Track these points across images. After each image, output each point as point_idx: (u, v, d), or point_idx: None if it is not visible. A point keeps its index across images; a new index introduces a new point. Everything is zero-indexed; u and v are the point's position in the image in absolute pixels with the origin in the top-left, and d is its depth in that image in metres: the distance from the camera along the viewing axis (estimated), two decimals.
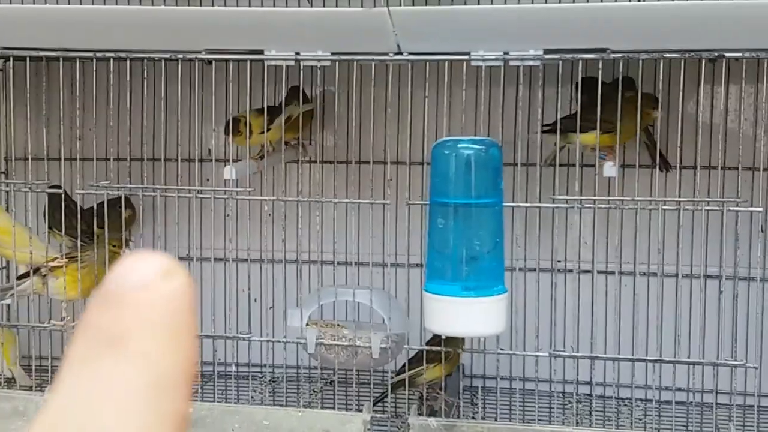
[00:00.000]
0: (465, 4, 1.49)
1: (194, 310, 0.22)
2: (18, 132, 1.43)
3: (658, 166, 1.47)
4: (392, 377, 1.35)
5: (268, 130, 1.38)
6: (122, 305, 0.21)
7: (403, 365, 1.32)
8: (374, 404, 1.33)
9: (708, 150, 1.42)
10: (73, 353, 0.21)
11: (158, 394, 0.21)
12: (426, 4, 1.51)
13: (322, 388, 1.53)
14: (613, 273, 1.30)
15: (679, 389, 1.36)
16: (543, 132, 1.30)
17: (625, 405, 1.49)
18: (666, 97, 1.40)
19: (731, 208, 1.23)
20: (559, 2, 1.49)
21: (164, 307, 0.22)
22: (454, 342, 1.28)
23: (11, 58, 1.27)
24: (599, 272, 1.37)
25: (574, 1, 1.48)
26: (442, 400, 1.34)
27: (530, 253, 1.39)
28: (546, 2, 1.49)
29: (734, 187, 1.35)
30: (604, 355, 1.29)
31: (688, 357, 1.34)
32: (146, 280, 0.22)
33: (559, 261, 1.41)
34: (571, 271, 1.41)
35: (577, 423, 1.43)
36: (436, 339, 1.28)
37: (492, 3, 1.48)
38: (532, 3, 1.47)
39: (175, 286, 0.22)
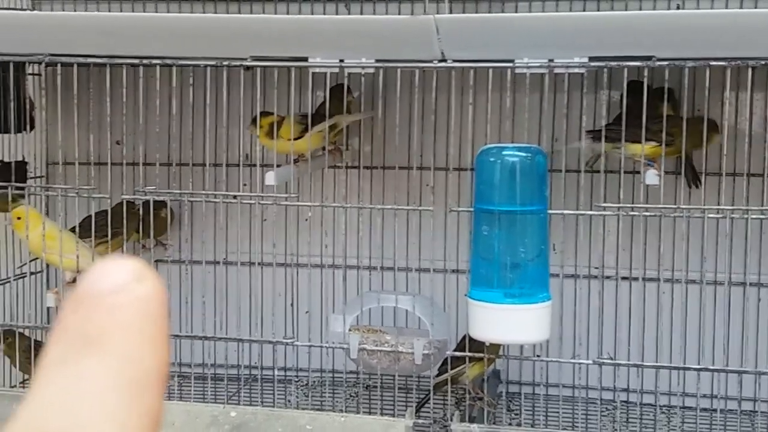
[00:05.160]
0: (503, 11, 1.50)
1: (166, 312, 0.23)
2: (60, 137, 1.44)
3: (687, 182, 1.47)
4: (435, 377, 1.36)
5: (296, 139, 1.38)
6: (98, 307, 0.22)
7: (444, 363, 1.33)
8: (417, 409, 1.34)
9: (744, 157, 1.42)
10: (50, 354, 0.22)
11: (135, 393, 0.22)
12: (464, 11, 1.52)
13: (358, 393, 1.54)
14: (657, 280, 1.30)
15: (723, 397, 1.36)
16: (591, 138, 1.30)
17: (663, 412, 1.49)
18: (702, 104, 1.40)
19: None
20: (597, 9, 1.50)
21: (138, 309, 0.22)
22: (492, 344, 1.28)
23: (59, 65, 1.28)
24: (639, 279, 1.37)
25: (612, 8, 1.49)
26: (486, 401, 1.34)
27: (567, 260, 1.39)
28: (584, 9, 1.50)
29: None
30: (649, 363, 1.28)
31: (726, 365, 1.34)
32: (120, 283, 0.22)
33: (596, 267, 1.42)
34: (608, 277, 1.41)
35: (614, 430, 1.43)
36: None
37: (531, 10, 1.49)
38: (572, 10, 1.47)
39: (148, 290, 0.22)
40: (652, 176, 1.26)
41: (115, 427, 0.21)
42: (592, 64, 1.17)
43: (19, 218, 1.36)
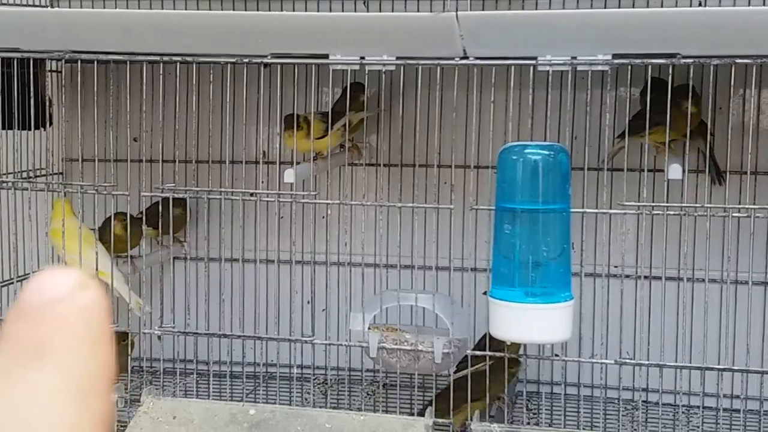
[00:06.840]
0: (522, 8, 1.49)
1: (107, 318, 0.24)
2: (79, 134, 1.44)
3: (711, 179, 1.46)
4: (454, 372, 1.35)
5: (320, 138, 1.38)
6: (42, 317, 0.23)
7: (463, 360, 1.32)
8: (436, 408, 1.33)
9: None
10: None
11: (84, 397, 0.22)
12: (483, 9, 1.51)
13: (376, 391, 1.53)
14: (678, 279, 1.28)
15: (745, 397, 1.35)
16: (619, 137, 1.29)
17: (684, 413, 1.47)
18: (728, 103, 1.39)
19: None
20: (619, 6, 1.48)
21: (81, 317, 0.23)
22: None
23: (78, 61, 1.28)
24: (661, 278, 1.36)
25: (633, 5, 1.47)
26: (505, 400, 1.34)
27: (587, 258, 1.38)
28: (605, 6, 1.49)
29: None
30: (670, 363, 1.27)
31: (747, 365, 1.33)
32: (62, 293, 0.23)
33: (616, 266, 1.40)
34: (629, 276, 1.40)
35: (633, 430, 1.42)
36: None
37: (551, 7, 1.48)
38: (594, 7, 1.46)
39: (89, 298, 0.23)
40: (675, 171, 1.24)
41: (67, 428, 0.22)
42: (616, 61, 1.16)
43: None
